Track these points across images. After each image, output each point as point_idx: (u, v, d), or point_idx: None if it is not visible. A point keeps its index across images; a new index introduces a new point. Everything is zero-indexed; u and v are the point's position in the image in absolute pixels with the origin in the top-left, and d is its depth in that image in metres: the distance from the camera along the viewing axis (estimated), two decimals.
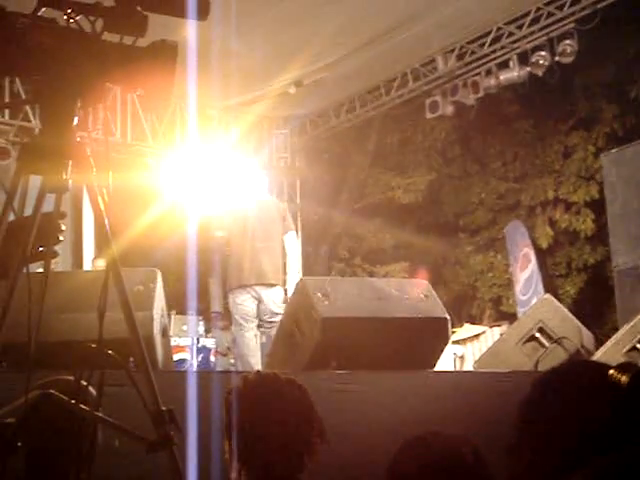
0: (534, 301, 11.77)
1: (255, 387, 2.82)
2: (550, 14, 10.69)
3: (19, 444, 2.04)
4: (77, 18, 2.08)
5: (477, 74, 11.69)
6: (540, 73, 11.13)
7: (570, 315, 7.17)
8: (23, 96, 10.29)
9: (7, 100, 10.60)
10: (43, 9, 2.09)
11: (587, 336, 7.04)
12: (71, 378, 2.23)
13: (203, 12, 2.21)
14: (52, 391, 2.17)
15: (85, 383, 2.17)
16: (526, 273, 13.68)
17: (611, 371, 1.63)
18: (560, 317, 6.95)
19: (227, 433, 2.74)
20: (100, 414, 2.20)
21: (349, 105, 13.17)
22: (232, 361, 10.91)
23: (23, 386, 2.05)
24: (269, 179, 13.80)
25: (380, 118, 14.79)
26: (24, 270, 2.08)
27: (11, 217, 2.11)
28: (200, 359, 10.92)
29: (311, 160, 14.82)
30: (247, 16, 9.00)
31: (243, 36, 9.50)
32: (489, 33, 11.23)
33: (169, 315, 8.04)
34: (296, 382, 2.87)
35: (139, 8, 2.13)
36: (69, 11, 2.07)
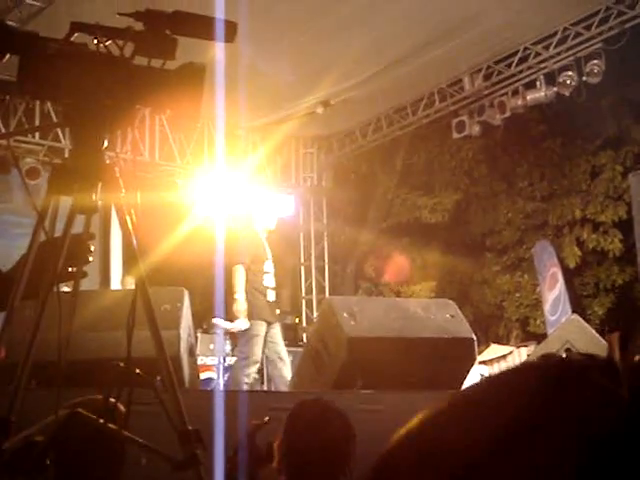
0: (563, 321, 11.69)
1: (308, 413, 3.04)
2: (577, 34, 10.68)
3: (48, 462, 2.06)
4: (107, 43, 2.11)
5: (504, 94, 11.68)
6: (567, 93, 11.10)
7: (597, 336, 7.13)
8: (54, 116, 10.39)
9: (38, 121, 10.73)
10: (75, 34, 2.12)
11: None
12: (100, 397, 2.25)
13: (230, 35, 2.24)
14: (80, 410, 2.19)
15: (114, 401, 2.19)
16: (554, 293, 13.59)
17: None
18: (587, 338, 6.91)
19: (279, 451, 2.95)
20: (127, 433, 2.21)
21: (376, 125, 13.19)
22: (256, 376, 10.91)
23: (52, 404, 2.07)
24: (295, 198, 13.90)
25: (407, 138, 14.82)
26: (54, 290, 2.11)
27: (42, 238, 2.14)
28: (227, 378, 10.91)
29: (338, 179, 14.85)
30: (274, 37, 9.07)
31: (271, 57, 9.57)
32: (516, 53, 11.23)
33: (196, 334, 8.07)
34: (342, 411, 3.08)
35: (168, 32, 2.16)
36: (100, 36, 2.11)
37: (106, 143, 2.17)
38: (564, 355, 0.76)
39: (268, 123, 12.44)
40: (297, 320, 13.54)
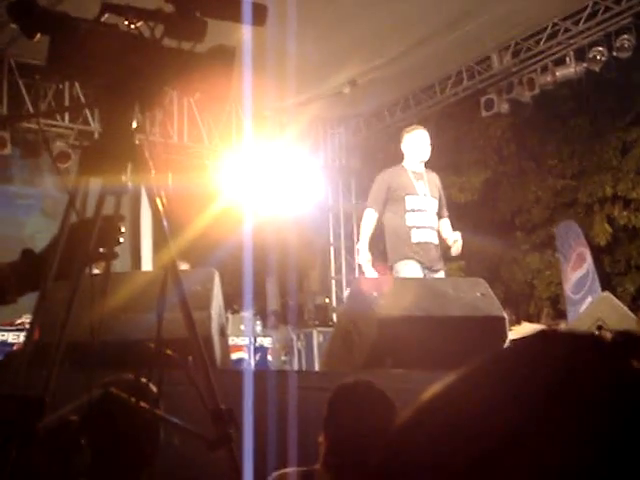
0: (588, 300, 11.62)
1: (354, 392, 3.02)
2: (607, 9, 10.54)
3: (82, 442, 2.08)
4: (138, 24, 2.12)
5: (533, 71, 11.58)
6: (597, 69, 10.98)
7: (630, 313, 7.09)
8: (82, 100, 10.44)
9: (67, 104, 10.78)
10: (106, 15, 2.13)
11: None
12: (131, 376, 2.27)
13: (261, 18, 2.23)
14: (114, 389, 2.21)
15: (145, 381, 2.21)
16: (580, 272, 13.47)
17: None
18: (619, 315, 6.87)
19: (325, 427, 2.94)
20: (160, 412, 2.23)
21: (404, 104, 13.14)
22: (284, 358, 10.97)
23: (85, 384, 2.09)
24: (324, 179, 13.87)
25: (435, 117, 14.73)
26: (86, 271, 2.12)
27: (73, 219, 2.16)
28: (258, 358, 10.98)
29: (366, 159, 14.81)
30: (301, 17, 9.03)
31: (297, 37, 9.53)
32: (545, 29, 11.12)
33: (226, 315, 8.09)
34: (382, 390, 3.06)
35: (198, 14, 2.16)
36: (130, 17, 2.11)
37: (135, 124, 2.18)
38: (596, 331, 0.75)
39: (295, 104, 12.42)
40: (327, 300, 13.57)
